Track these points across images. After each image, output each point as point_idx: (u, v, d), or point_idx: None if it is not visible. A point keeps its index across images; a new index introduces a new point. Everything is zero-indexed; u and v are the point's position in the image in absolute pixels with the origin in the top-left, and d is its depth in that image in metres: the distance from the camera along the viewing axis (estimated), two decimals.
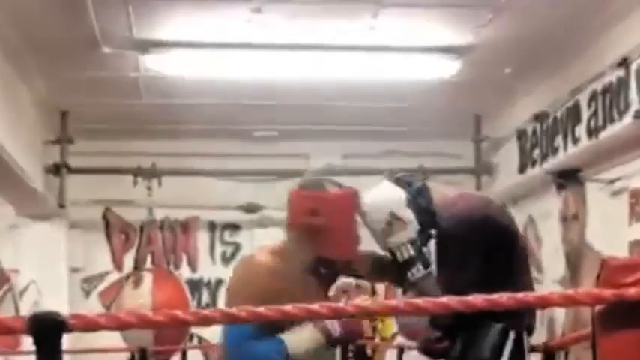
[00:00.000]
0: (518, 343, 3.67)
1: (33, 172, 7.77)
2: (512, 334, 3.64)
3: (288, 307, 2.61)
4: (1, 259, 9.31)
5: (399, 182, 3.88)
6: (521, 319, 3.61)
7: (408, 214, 3.77)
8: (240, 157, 9.52)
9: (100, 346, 7.92)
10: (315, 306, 2.64)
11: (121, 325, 2.53)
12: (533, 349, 3.95)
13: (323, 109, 8.64)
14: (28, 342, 2.63)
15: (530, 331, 3.79)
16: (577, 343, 7.61)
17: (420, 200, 3.83)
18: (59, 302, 8.91)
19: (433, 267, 3.77)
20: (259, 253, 3.71)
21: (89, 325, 2.44)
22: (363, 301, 3.65)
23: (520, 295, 2.79)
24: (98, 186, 9.22)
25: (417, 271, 3.75)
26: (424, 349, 3.96)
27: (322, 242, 3.60)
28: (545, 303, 2.83)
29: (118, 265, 9.74)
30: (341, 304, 2.79)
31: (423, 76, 7.68)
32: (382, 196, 3.81)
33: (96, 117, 8.70)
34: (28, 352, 5.82)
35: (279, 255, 3.65)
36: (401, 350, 7.58)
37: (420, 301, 2.69)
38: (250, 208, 9.71)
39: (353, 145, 9.65)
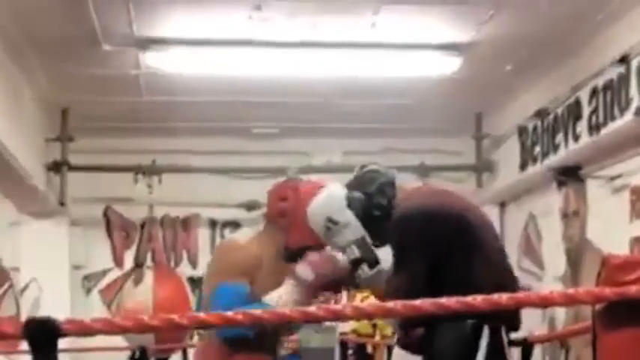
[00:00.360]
0: (496, 339, 3.55)
1: (34, 169, 7.77)
2: (486, 330, 3.52)
3: (286, 311, 2.62)
4: (2, 257, 9.31)
5: (351, 182, 3.86)
6: (496, 315, 3.40)
7: (347, 216, 3.70)
8: (240, 154, 9.52)
9: (101, 345, 7.90)
10: (312, 309, 2.64)
11: (117, 330, 2.53)
12: (511, 343, 3.88)
13: (323, 106, 8.63)
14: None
15: (513, 328, 3.70)
16: (550, 340, 7.67)
17: (378, 199, 3.77)
18: (60, 300, 8.93)
19: (382, 265, 3.70)
20: (238, 236, 4.08)
21: (84, 330, 2.43)
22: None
23: (521, 295, 2.78)
24: (99, 183, 9.22)
25: (362, 272, 3.72)
26: (402, 346, 3.96)
27: (287, 227, 3.78)
28: (547, 303, 2.82)
29: (119, 262, 9.74)
30: (338, 307, 2.77)
31: (423, 73, 7.67)
32: (321, 201, 3.75)
33: (96, 114, 8.70)
34: (27, 352, 5.79)
35: (256, 240, 3.84)
36: (389, 349, 7.59)
37: (417, 302, 2.68)
38: (251, 206, 9.71)
39: (353, 143, 9.64)
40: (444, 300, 2.65)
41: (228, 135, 9.43)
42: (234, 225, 9.83)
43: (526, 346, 4.47)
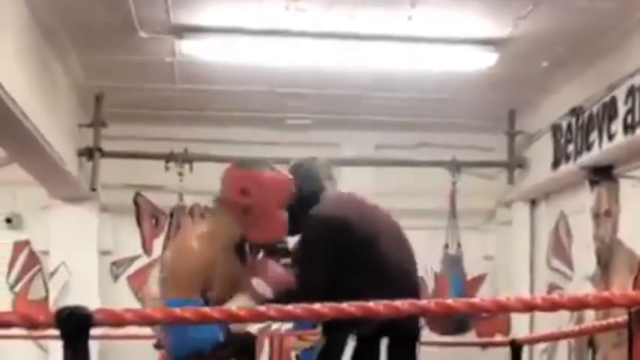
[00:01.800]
0: (362, 350, 3.66)
1: (67, 154, 7.80)
2: (351, 342, 3.64)
3: (289, 308, 2.62)
4: (32, 241, 9.38)
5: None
6: (367, 325, 3.55)
7: None
8: (272, 144, 9.49)
9: (128, 334, 7.92)
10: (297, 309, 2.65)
11: (147, 321, 2.55)
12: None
13: (357, 98, 8.62)
14: None
15: (404, 336, 3.81)
16: (547, 340, 7.62)
17: (301, 205, 3.88)
18: (88, 285, 8.98)
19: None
20: (191, 235, 3.82)
21: (116, 321, 2.49)
22: None
23: (556, 297, 2.76)
24: (130, 170, 9.23)
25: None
26: None
27: (248, 223, 3.67)
28: (582, 305, 2.80)
29: (148, 249, 9.75)
30: (320, 306, 2.74)
31: (459, 67, 7.64)
32: None
33: (130, 101, 8.72)
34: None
35: (209, 234, 3.71)
36: None
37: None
38: None
39: (386, 136, 9.63)
40: (449, 301, 2.65)
41: (261, 125, 9.42)
42: None
43: (514, 346, 4.53)
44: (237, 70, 7.77)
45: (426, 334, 8.85)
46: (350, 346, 3.65)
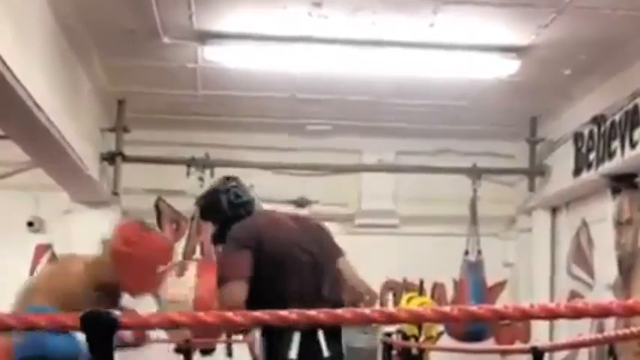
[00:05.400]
0: (305, 340, 4.32)
1: (89, 159, 7.83)
2: (296, 336, 4.32)
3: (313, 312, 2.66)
4: (54, 244, 9.41)
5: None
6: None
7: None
8: (292, 150, 9.52)
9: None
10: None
11: (172, 325, 2.59)
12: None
13: (378, 105, 8.63)
14: None
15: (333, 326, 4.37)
16: (569, 349, 7.61)
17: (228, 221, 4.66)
18: None
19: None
20: (80, 260, 4.07)
21: (141, 325, 2.56)
22: None
23: (579, 305, 2.75)
24: (151, 175, 9.27)
25: None
26: None
27: (122, 270, 3.94)
28: (606, 313, 2.80)
29: None
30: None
31: (480, 75, 7.64)
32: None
33: (152, 106, 8.76)
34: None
35: (93, 267, 3.97)
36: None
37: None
38: (300, 202, 9.72)
39: (406, 143, 9.63)
40: (446, 309, 2.65)
41: (282, 131, 9.45)
42: None
43: (536, 354, 4.64)
44: (258, 76, 7.80)
45: (446, 340, 8.89)
46: (296, 337, 4.31)
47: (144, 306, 4.24)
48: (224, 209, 4.71)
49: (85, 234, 9.05)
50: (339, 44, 6.98)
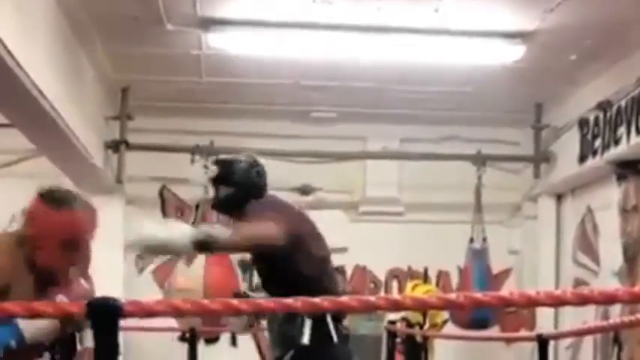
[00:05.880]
0: (320, 327, 4.45)
1: (93, 147, 7.82)
2: (308, 322, 4.44)
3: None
4: None
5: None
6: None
7: None
8: (297, 137, 9.50)
9: (153, 326, 7.95)
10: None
11: (177, 313, 2.58)
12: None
13: (383, 92, 8.60)
14: None
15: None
16: (575, 336, 7.60)
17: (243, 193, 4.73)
18: (113, 278, 8.99)
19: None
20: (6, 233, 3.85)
21: (146, 312, 2.49)
22: None
23: (586, 292, 2.74)
24: (156, 163, 9.25)
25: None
26: None
27: (29, 248, 3.69)
28: (612, 300, 2.78)
29: None
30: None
31: (485, 61, 7.61)
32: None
33: (156, 94, 8.74)
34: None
35: (15, 245, 3.73)
36: None
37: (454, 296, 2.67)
38: (305, 190, 9.70)
39: (411, 129, 9.61)
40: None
41: (287, 118, 9.43)
42: None
43: (541, 341, 4.65)
44: (263, 62, 7.77)
45: (450, 327, 8.88)
46: (308, 323, 4.44)
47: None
48: (247, 178, 4.72)
49: None
50: (344, 30, 6.95)
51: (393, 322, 8.70)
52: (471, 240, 8.87)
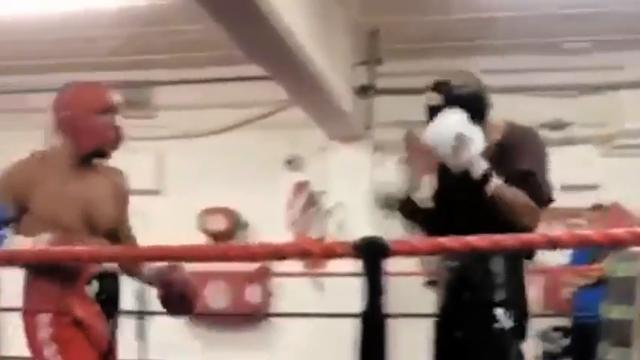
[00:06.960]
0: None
1: (343, 93, 7.81)
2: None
3: None
4: (311, 181, 9.55)
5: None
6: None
7: (473, 129, 3.67)
8: (546, 71, 9.13)
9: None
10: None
11: (441, 250, 2.68)
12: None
13: None
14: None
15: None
16: None
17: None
18: (362, 223, 9.00)
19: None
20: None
21: (412, 251, 2.53)
22: None
23: None
24: (405, 107, 9.13)
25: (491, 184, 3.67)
26: None
27: (73, 134, 3.75)
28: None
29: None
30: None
31: None
32: (447, 120, 3.75)
33: (405, 35, 8.57)
34: (350, 274, 5.89)
35: (43, 155, 3.81)
36: None
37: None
38: (556, 125, 9.32)
39: None
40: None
41: (536, 51, 9.05)
42: None
43: None
44: None
45: None
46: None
47: None
48: (485, 107, 3.91)
49: (341, 170, 9.14)
50: None
51: None
52: None
